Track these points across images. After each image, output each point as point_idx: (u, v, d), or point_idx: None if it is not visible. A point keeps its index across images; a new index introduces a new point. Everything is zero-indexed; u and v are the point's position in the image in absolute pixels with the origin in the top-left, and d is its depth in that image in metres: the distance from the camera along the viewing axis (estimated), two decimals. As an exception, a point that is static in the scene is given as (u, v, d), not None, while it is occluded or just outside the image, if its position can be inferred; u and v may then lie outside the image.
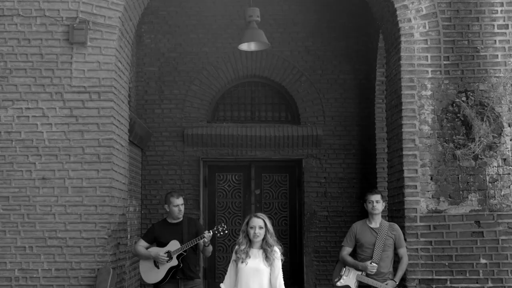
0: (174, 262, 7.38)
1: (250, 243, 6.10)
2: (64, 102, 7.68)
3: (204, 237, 7.32)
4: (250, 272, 5.98)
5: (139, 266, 7.61)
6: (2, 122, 7.63)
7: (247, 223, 6.11)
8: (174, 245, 7.41)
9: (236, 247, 6.17)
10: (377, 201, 7.16)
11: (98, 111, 7.67)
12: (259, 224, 6.04)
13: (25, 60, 7.70)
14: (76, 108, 7.67)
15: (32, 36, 7.72)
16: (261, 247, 6.06)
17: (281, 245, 6.21)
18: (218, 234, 7.52)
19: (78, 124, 7.66)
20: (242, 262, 6.04)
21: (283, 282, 6.06)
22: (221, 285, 6.25)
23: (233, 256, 6.19)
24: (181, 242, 7.41)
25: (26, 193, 7.56)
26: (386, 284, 6.97)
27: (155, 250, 7.46)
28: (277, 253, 6.05)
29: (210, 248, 7.54)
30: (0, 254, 7.51)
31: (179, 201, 7.55)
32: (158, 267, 7.39)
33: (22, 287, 7.48)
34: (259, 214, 6.19)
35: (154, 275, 7.41)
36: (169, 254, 7.36)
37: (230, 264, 6.26)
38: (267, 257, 5.99)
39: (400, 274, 7.15)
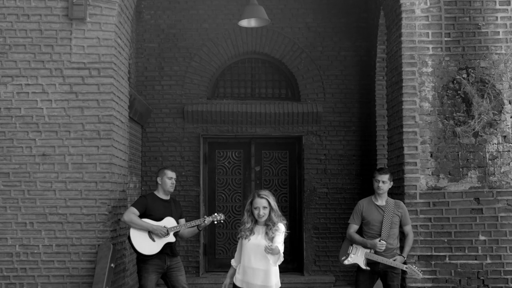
0: (171, 238, 7.42)
1: (255, 221, 6.13)
2: (63, 78, 7.66)
3: (205, 221, 7.48)
4: (252, 248, 6.02)
5: (130, 235, 7.41)
6: (1, 98, 7.63)
7: (251, 203, 6.12)
8: (170, 222, 7.45)
9: (242, 226, 6.19)
10: (383, 182, 7.17)
11: (98, 87, 7.66)
12: (263, 205, 6.06)
13: (24, 36, 7.67)
14: (76, 84, 7.66)
15: (31, 11, 7.68)
16: (265, 224, 6.09)
17: (285, 221, 6.23)
18: (215, 222, 7.65)
19: (78, 101, 7.65)
20: (245, 238, 6.08)
21: (282, 246, 6.03)
22: (232, 260, 6.32)
23: (239, 233, 6.23)
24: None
25: (26, 169, 7.58)
26: (395, 260, 7.02)
27: (154, 223, 7.41)
28: (279, 229, 6.06)
29: (197, 232, 7.72)
30: (1, 230, 7.55)
31: (173, 174, 7.63)
32: (153, 240, 7.38)
33: (23, 263, 7.53)
34: (262, 193, 6.16)
35: (149, 246, 7.36)
36: (166, 230, 7.39)
37: (239, 240, 6.30)
38: (267, 233, 6.01)
39: (407, 250, 7.20)
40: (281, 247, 5.97)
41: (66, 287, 7.51)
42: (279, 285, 6.08)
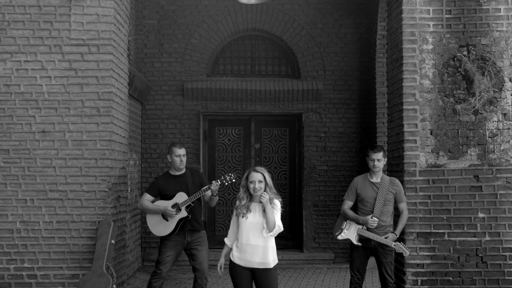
0: (184, 213, 7.34)
1: (250, 197, 6.12)
2: (63, 55, 7.64)
3: (211, 187, 7.30)
4: (250, 227, 6.02)
5: (146, 220, 7.53)
6: (1, 75, 7.61)
7: (247, 178, 6.12)
8: (181, 197, 7.37)
9: (237, 202, 6.19)
10: (378, 160, 7.16)
11: (97, 64, 7.64)
12: (259, 178, 6.05)
13: (23, 12, 7.63)
14: (75, 61, 7.64)
15: (29, -13, 7.64)
16: (261, 201, 6.08)
17: (280, 198, 6.23)
18: (226, 183, 7.45)
19: (77, 77, 7.63)
20: (242, 216, 6.07)
21: (281, 222, 6.06)
22: (225, 239, 6.31)
23: (235, 211, 6.22)
24: (187, 194, 7.39)
25: (26, 146, 7.58)
26: (387, 237, 7.04)
27: (162, 204, 7.39)
28: (276, 205, 6.07)
29: (217, 198, 7.57)
30: (2, 207, 7.57)
31: (181, 151, 7.49)
32: (167, 220, 7.35)
33: (23, 239, 7.56)
34: (258, 168, 6.18)
35: (163, 227, 7.38)
36: (177, 207, 7.33)
37: (232, 219, 6.29)
38: (265, 211, 6.02)
39: (400, 227, 7.21)
40: (279, 223, 6.01)
41: (67, 263, 7.55)
42: (277, 261, 6.11)
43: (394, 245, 7.01)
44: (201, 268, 7.44)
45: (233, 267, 6.10)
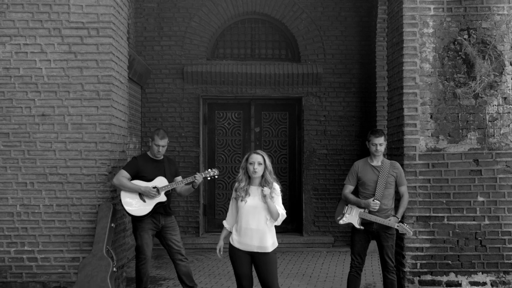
0: (162, 198, 7.39)
1: (249, 180, 6.13)
2: (62, 38, 7.61)
3: (196, 178, 7.42)
4: (249, 210, 6.03)
5: (121, 197, 7.40)
6: (0, 58, 7.59)
7: (247, 159, 6.13)
8: (161, 182, 7.41)
9: (236, 184, 6.20)
10: (380, 144, 7.16)
11: (97, 47, 7.62)
12: (258, 160, 6.06)
13: (22, -5, 7.61)
14: (75, 44, 7.61)
15: (28, -30, 7.60)
16: (260, 185, 6.09)
17: (279, 183, 6.24)
18: (208, 178, 7.63)
19: (77, 61, 7.61)
20: (241, 200, 6.08)
21: (283, 209, 6.10)
22: (224, 222, 6.33)
23: (233, 194, 6.23)
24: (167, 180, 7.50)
25: (26, 130, 7.58)
26: (389, 220, 7.05)
27: (142, 184, 7.39)
28: (276, 190, 6.08)
29: (193, 190, 7.68)
30: (2, 190, 7.58)
31: (162, 142, 7.46)
32: (144, 201, 7.40)
33: (24, 222, 7.57)
34: (258, 151, 6.20)
35: (140, 208, 7.37)
36: (157, 190, 7.37)
37: (230, 202, 6.30)
38: (265, 195, 6.03)
39: (401, 210, 7.22)
40: (281, 209, 6.03)
41: (67, 246, 7.58)
42: (276, 244, 6.13)
43: (397, 226, 7.03)
44: (179, 249, 7.60)
45: (232, 251, 6.13)
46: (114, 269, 7.27)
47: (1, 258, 7.57)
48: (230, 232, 6.26)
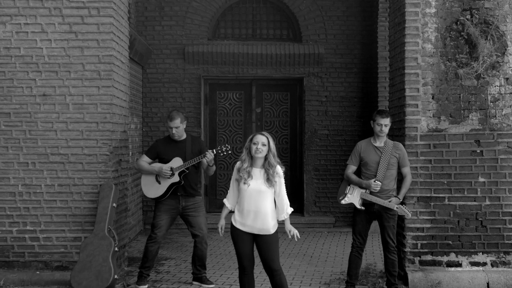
0: (176, 178, 7.44)
1: (252, 161, 6.12)
2: (63, 17, 7.58)
3: (206, 156, 7.36)
4: (252, 194, 6.03)
5: (141, 180, 7.69)
6: (0, 38, 7.57)
7: (251, 140, 6.11)
8: (176, 162, 7.46)
9: (238, 163, 6.19)
10: (385, 125, 7.15)
11: (98, 27, 7.59)
12: (262, 141, 6.04)
13: (22, -26, 7.57)
14: (76, 24, 7.58)
15: (28, -51, 7.55)
16: (263, 167, 6.08)
17: (282, 166, 6.23)
18: (222, 154, 7.57)
19: (77, 40, 7.59)
20: (244, 183, 6.07)
21: (287, 199, 6.15)
22: (225, 200, 6.32)
23: (235, 174, 6.21)
24: (184, 160, 7.46)
25: (27, 110, 7.57)
26: (390, 201, 7.06)
27: (158, 165, 7.52)
28: (278, 173, 6.08)
29: (214, 167, 7.63)
30: (4, 170, 7.59)
31: (172, 124, 7.46)
32: (159, 182, 7.47)
33: (26, 202, 7.60)
34: (263, 132, 6.19)
35: (155, 189, 7.50)
36: (171, 170, 7.42)
37: (232, 181, 6.29)
38: (269, 178, 6.03)
39: (403, 191, 7.23)
40: (286, 203, 6.16)
41: (69, 226, 7.60)
42: (277, 225, 6.16)
43: (397, 207, 7.04)
44: (200, 233, 7.60)
45: (234, 232, 6.14)
46: (116, 248, 7.30)
47: (3, 237, 7.60)
48: (231, 211, 6.28)
